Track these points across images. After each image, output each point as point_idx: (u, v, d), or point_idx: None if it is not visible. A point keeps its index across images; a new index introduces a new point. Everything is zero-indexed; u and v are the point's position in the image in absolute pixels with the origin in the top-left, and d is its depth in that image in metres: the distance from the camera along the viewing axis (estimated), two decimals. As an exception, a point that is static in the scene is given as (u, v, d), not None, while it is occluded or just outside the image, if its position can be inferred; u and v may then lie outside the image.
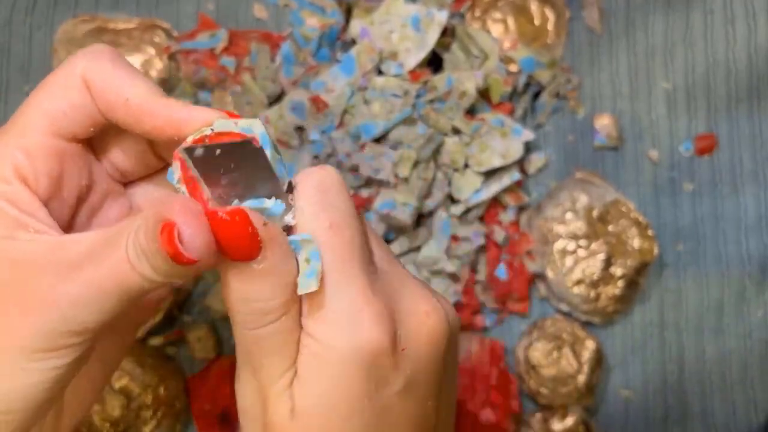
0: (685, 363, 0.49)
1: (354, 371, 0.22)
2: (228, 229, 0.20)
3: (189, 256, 0.20)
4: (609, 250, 0.47)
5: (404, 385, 0.24)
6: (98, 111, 0.24)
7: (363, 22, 0.48)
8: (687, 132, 0.51)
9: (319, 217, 0.23)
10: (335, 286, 0.23)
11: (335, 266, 0.23)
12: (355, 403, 0.23)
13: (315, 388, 0.23)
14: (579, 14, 0.52)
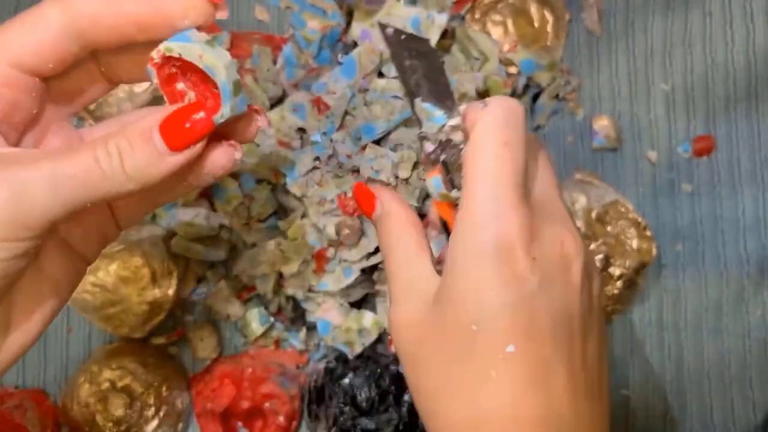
0: (684, 363, 0.49)
1: (490, 259, 0.26)
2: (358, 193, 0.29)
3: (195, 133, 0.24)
4: (608, 251, 0.47)
5: (539, 288, 0.26)
6: (65, 51, 0.25)
7: (364, 24, 0.48)
8: (686, 133, 0.51)
9: (499, 133, 0.27)
10: (491, 190, 0.26)
11: (498, 179, 0.26)
12: (487, 292, 0.26)
13: (453, 276, 0.27)
14: (578, 16, 0.52)
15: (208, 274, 0.48)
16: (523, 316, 0.26)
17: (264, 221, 0.47)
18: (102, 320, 0.45)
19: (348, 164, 0.45)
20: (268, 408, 0.46)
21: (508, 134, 0.27)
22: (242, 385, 0.46)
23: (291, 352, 0.48)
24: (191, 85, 0.25)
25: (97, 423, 0.44)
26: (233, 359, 0.47)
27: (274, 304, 0.47)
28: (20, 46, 0.24)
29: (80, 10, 0.24)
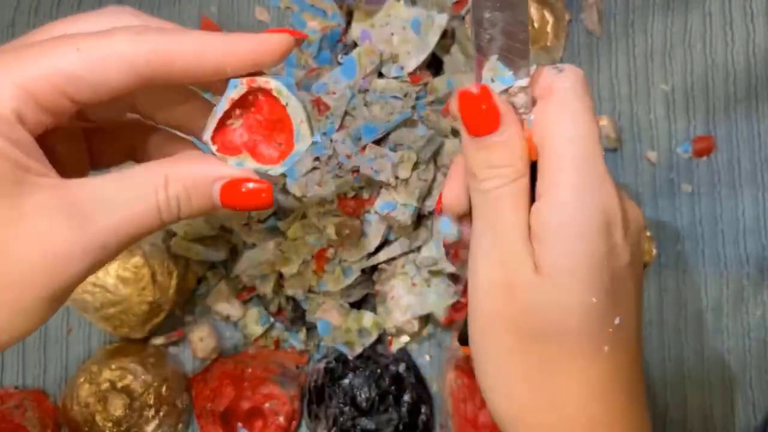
0: (684, 363, 0.49)
1: (595, 231, 0.25)
2: (474, 106, 0.25)
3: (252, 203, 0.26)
4: (608, 251, 0.47)
5: (630, 261, 0.26)
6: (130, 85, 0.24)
7: (364, 24, 0.48)
8: (685, 133, 0.51)
9: (585, 99, 0.26)
10: (588, 161, 0.25)
11: (591, 147, 0.26)
12: (595, 263, 0.25)
13: (559, 248, 0.25)
14: (578, 16, 0.52)
15: (208, 274, 0.48)
16: (622, 291, 0.26)
17: (264, 221, 0.47)
18: (102, 320, 0.45)
19: (348, 164, 0.45)
20: (268, 408, 0.46)
21: (589, 101, 0.26)
22: (242, 385, 0.46)
23: (291, 353, 0.48)
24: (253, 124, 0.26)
25: (97, 423, 0.44)
26: (233, 359, 0.47)
27: (274, 304, 0.47)
28: (76, 78, 0.23)
29: (161, 49, 0.24)
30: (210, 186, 0.25)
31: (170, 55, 0.24)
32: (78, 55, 0.23)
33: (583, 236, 0.25)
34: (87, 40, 0.23)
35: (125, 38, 0.23)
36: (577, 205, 0.25)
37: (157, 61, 0.24)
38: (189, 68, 0.24)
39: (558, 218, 0.25)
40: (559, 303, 0.25)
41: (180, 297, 0.47)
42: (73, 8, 0.50)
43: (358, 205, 0.45)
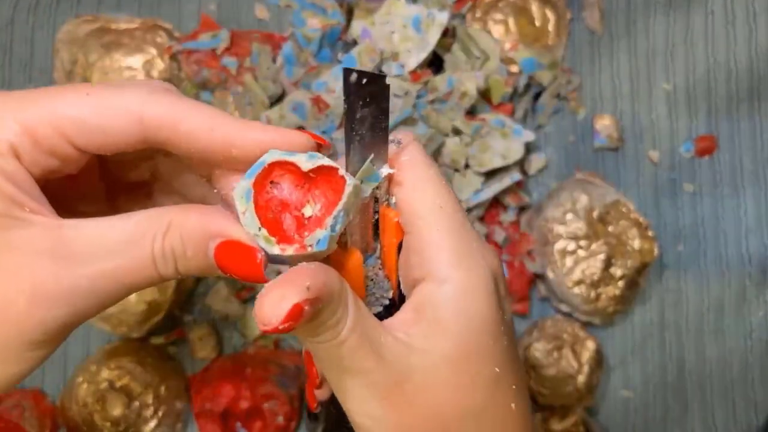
0: (686, 363, 0.49)
1: (485, 298, 0.25)
2: (289, 328, 0.21)
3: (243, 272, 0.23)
4: (609, 251, 0.47)
5: (509, 312, 0.27)
6: (135, 141, 0.23)
7: (364, 22, 0.48)
8: (687, 133, 0.51)
9: (432, 165, 0.26)
10: (461, 228, 0.25)
11: (457, 213, 0.25)
12: (493, 329, 0.25)
13: (453, 326, 0.24)
14: (580, 15, 0.52)
15: (207, 273, 0.48)
16: (511, 342, 0.26)
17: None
18: (101, 320, 0.44)
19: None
20: (267, 408, 0.46)
21: (432, 161, 0.26)
22: (241, 385, 0.46)
23: (290, 352, 0.48)
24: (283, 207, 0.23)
25: (96, 423, 0.44)
26: (232, 359, 0.47)
27: (274, 303, 0.47)
28: (80, 124, 0.22)
29: (171, 112, 0.23)
30: (206, 241, 0.23)
31: (179, 119, 0.23)
32: (87, 100, 0.22)
33: (477, 307, 0.24)
34: (97, 89, 0.23)
35: (137, 92, 0.23)
36: (462, 277, 0.24)
37: (164, 123, 0.23)
38: (196, 138, 0.23)
39: (447, 296, 0.24)
40: (458, 384, 0.24)
41: (179, 296, 0.46)
42: (72, 8, 0.50)
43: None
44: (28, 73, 0.49)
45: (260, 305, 0.20)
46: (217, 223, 0.23)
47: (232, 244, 0.22)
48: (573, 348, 0.47)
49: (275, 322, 0.20)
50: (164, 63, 0.47)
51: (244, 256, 0.22)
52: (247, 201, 0.22)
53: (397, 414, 0.24)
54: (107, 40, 0.47)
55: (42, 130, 0.22)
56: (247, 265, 0.22)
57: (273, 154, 0.23)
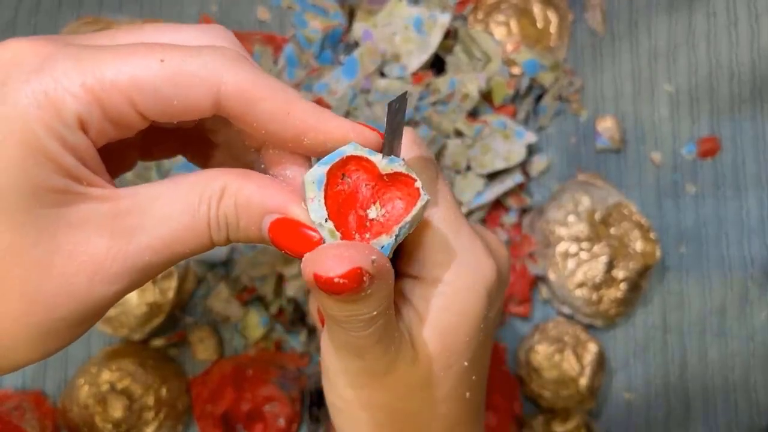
0: (688, 365, 0.49)
1: (480, 300, 0.25)
2: (341, 288, 0.21)
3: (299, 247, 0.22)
4: (611, 253, 0.47)
5: (497, 308, 0.27)
6: (206, 112, 0.22)
7: (366, 24, 0.48)
8: (690, 134, 0.51)
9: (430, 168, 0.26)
10: (456, 232, 0.25)
11: (457, 217, 0.26)
12: (475, 332, 0.25)
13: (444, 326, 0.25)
14: (582, 16, 0.52)
15: (208, 275, 0.48)
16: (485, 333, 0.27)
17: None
18: (102, 322, 0.44)
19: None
20: (268, 410, 0.46)
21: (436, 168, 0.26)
22: (242, 387, 0.46)
23: (291, 354, 0.48)
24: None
25: (97, 425, 0.44)
26: (233, 361, 0.47)
27: (275, 305, 0.47)
28: (153, 93, 0.21)
29: (251, 86, 0.21)
30: (261, 215, 0.22)
31: (258, 98, 0.21)
32: (161, 67, 0.20)
33: (463, 309, 0.25)
34: (173, 53, 0.21)
35: (216, 60, 0.21)
36: (452, 281, 0.25)
37: (242, 98, 0.21)
38: (270, 118, 0.22)
39: (443, 299, 0.25)
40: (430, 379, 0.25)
41: (180, 298, 0.46)
42: (74, 10, 0.50)
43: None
44: (29, 74, 0.49)
45: (323, 255, 0.20)
46: (275, 198, 0.22)
47: (289, 223, 0.22)
48: (575, 350, 0.47)
49: (333, 274, 0.20)
50: (165, 64, 0.47)
51: (301, 237, 0.22)
52: (318, 188, 0.22)
53: (367, 398, 0.25)
54: (108, 41, 0.47)
55: (111, 99, 0.20)
56: (302, 246, 0.22)
57: (353, 148, 0.22)
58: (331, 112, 0.23)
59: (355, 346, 0.24)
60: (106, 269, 0.21)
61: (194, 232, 0.22)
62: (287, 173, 0.24)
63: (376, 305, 0.22)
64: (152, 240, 0.21)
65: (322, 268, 0.20)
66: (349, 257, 0.20)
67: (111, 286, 0.21)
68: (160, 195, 0.21)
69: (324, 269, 0.20)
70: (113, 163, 0.24)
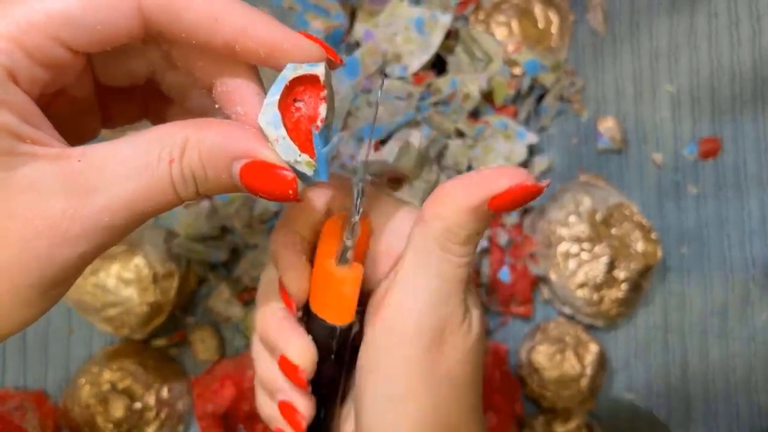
0: (689, 366, 0.49)
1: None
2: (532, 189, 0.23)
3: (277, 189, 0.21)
4: (612, 253, 0.47)
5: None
6: (134, 30, 0.21)
7: (367, 24, 0.48)
8: (691, 135, 0.51)
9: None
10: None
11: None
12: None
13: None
14: (583, 17, 0.52)
15: (209, 275, 0.48)
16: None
17: (266, 222, 0.46)
18: (103, 321, 0.44)
19: (351, 165, 0.45)
20: (269, 410, 0.46)
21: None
22: (243, 386, 0.46)
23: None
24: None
25: (98, 424, 0.44)
26: (234, 361, 0.47)
27: (276, 305, 0.47)
28: (73, 21, 0.20)
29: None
30: (229, 162, 0.21)
31: (183, 6, 0.20)
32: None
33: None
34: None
35: None
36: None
37: (165, 7, 0.20)
38: (197, 28, 0.21)
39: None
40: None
41: (181, 298, 0.46)
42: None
43: (361, 206, 0.45)
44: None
45: (492, 176, 0.22)
46: (239, 143, 0.21)
47: (259, 165, 0.21)
48: (576, 351, 0.47)
49: (514, 182, 0.22)
50: (167, 65, 0.47)
51: (275, 178, 0.21)
52: (277, 128, 0.21)
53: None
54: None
55: (33, 39, 0.19)
56: (279, 187, 0.21)
57: (291, 70, 0.21)
58: (267, 16, 0.22)
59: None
60: (64, 232, 0.19)
61: (156, 190, 0.20)
62: (238, 110, 0.23)
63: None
64: (110, 200, 0.20)
65: (501, 183, 0.22)
66: (509, 172, 0.22)
67: (74, 248, 0.20)
68: (115, 154, 0.20)
69: (502, 184, 0.22)
70: (73, 132, 0.24)
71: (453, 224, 0.23)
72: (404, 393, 0.24)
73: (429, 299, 0.24)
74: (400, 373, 0.24)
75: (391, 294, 0.25)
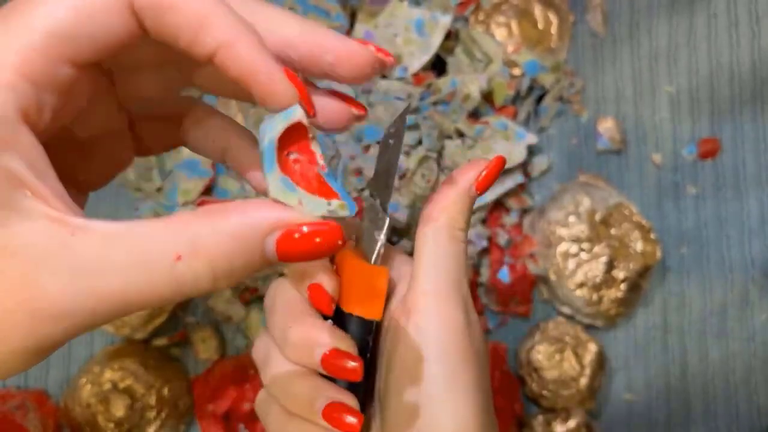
0: (688, 366, 0.49)
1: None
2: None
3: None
4: (612, 254, 0.47)
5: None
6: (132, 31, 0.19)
7: (367, 25, 0.48)
8: (690, 135, 0.51)
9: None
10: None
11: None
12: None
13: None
14: (583, 18, 0.52)
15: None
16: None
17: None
18: (104, 321, 0.44)
19: (351, 165, 0.45)
20: (269, 410, 0.46)
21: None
22: (244, 386, 0.46)
23: (293, 354, 0.48)
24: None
25: (99, 424, 0.44)
26: (235, 361, 0.47)
27: (277, 305, 0.47)
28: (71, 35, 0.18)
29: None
30: (261, 241, 0.19)
31: (166, 3, 0.19)
32: (67, 6, 0.18)
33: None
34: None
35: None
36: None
37: (152, 6, 0.19)
38: (179, 33, 0.19)
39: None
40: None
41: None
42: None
43: (359, 206, 0.45)
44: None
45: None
46: (265, 218, 0.19)
47: (296, 230, 0.19)
48: (575, 351, 0.47)
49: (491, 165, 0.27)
50: (168, 65, 0.47)
51: (317, 234, 0.19)
52: (293, 191, 0.20)
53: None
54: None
55: (37, 65, 0.18)
56: (326, 239, 0.19)
57: (271, 129, 0.20)
58: (256, 34, 0.20)
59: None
60: (48, 307, 0.18)
61: (153, 288, 0.19)
62: (250, 176, 0.23)
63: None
64: (100, 287, 0.18)
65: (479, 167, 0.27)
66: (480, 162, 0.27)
67: (57, 325, 0.18)
68: (116, 238, 0.18)
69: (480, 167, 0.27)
70: (106, 161, 0.23)
71: (455, 213, 0.27)
72: (460, 366, 0.25)
73: (454, 278, 0.26)
74: (450, 348, 0.25)
75: (417, 284, 0.26)
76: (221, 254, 0.19)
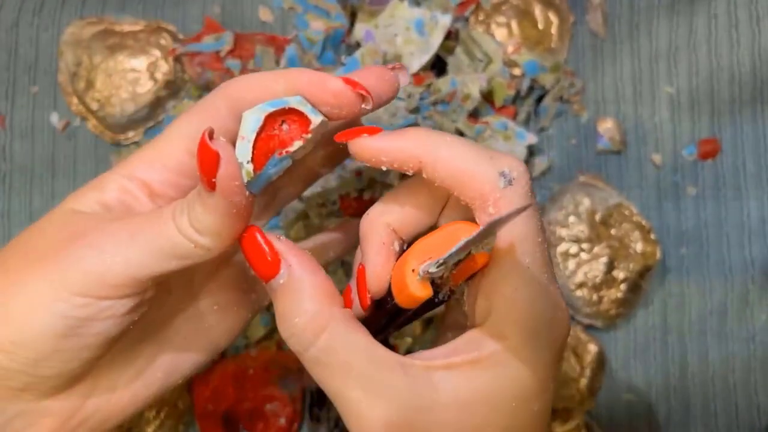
0: (688, 367, 0.49)
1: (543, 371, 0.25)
2: (246, 249, 0.24)
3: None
4: (611, 254, 0.47)
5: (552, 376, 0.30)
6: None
7: (367, 25, 0.48)
8: (690, 136, 0.51)
9: (532, 221, 0.27)
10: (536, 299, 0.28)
11: (538, 278, 0.27)
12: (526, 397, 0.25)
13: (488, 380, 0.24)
14: (583, 18, 0.52)
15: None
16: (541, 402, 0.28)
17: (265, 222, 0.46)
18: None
19: (351, 165, 0.45)
20: (269, 410, 0.46)
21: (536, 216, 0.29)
22: (243, 386, 0.46)
23: (293, 354, 0.48)
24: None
25: (98, 424, 0.44)
26: (235, 360, 0.47)
27: (276, 305, 0.47)
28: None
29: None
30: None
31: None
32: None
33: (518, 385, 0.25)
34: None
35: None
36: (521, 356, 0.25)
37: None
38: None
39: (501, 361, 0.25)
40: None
41: (182, 298, 0.46)
42: (77, 10, 0.50)
43: (360, 205, 0.45)
44: (32, 75, 0.49)
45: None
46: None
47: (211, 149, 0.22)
48: (575, 351, 0.47)
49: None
50: (168, 65, 0.48)
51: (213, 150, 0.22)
52: (251, 131, 0.23)
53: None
54: (111, 42, 0.48)
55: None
56: (205, 156, 0.22)
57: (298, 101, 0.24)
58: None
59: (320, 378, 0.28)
60: None
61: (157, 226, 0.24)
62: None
63: (299, 302, 0.26)
64: None
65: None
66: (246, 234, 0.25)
67: None
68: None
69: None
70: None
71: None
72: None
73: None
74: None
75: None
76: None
